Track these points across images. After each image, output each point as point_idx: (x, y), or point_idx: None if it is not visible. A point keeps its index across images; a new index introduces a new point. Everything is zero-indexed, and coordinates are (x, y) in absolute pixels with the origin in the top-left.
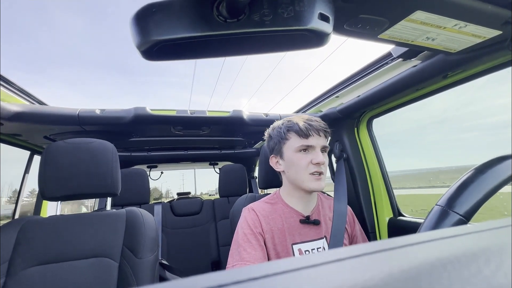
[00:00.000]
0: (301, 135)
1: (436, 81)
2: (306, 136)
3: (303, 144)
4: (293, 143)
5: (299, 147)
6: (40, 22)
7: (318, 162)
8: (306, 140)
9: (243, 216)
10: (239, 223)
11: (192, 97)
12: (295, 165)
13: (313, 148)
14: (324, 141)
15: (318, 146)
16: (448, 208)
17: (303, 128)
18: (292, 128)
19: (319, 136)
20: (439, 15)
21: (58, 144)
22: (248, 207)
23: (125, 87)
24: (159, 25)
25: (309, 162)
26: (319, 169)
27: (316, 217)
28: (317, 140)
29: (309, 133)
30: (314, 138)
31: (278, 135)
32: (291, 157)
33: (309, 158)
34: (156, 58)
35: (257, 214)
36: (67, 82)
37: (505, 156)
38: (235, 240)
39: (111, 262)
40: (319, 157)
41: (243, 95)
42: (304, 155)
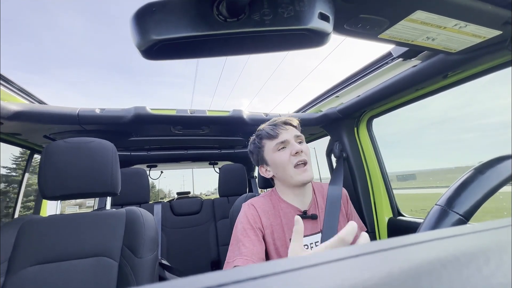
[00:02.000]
0: (271, 137)
1: (436, 81)
2: (275, 136)
3: (276, 143)
4: (268, 147)
5: (275, 147)
6: (41, 22)
7: (296, 151)
8: (277, 139)
9: (243, 211)
10: (238, 217)
11: (193, 97)
12: (278, 163)
13: (287, 142)
14: (295, 131)
15: (291, 138)
16: (448, 208)
17: (269, 130)
18: (262, 135)
19: (287, 130)
20: (439, 15)
21: (58, 143)
22: (248, 203)
23: (126, 87)
24: (159, 24)
25: (289, 155)
26: (301, 158)
27: (313, 211)
28: (287, 134)
29: (276, 132)
30: (283, 134)
31: (255, 146)
32: (272, 158)
33: (288, 152)
34: (156, 57)
35: (256, 210)
36: (68, 82)
37: (505, 156)
38: (234, 234)
39: (110, 261)
40: (296, 146)
41: (244, 95)
42: (283, 152)
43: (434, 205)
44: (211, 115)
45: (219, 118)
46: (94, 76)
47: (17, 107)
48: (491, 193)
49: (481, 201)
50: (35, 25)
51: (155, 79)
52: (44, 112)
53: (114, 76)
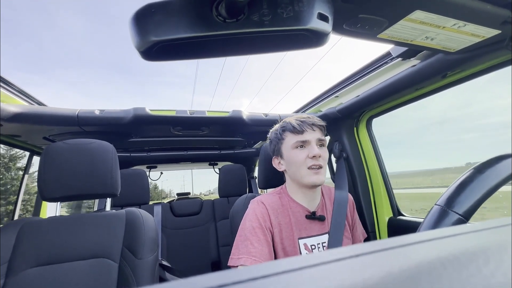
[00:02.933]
0: (295, 132)
1: (435, 80)
2: (300, 132)
3: (298, 140)
4: (289, 141)
5: (295, 144)
6: (41, 22)
7: (314, 155)
8: (301, 136)
9: (252, 208)
10: (246, 214)
11: (193, 97)
12: (294, 161)
13: (308, 142)
14: (319, 135)
15: (313, 140)
16: (447, 208)
17: (296, 125)
18: (286, 127)
19: (313, 131)
20: (438, 15)
21: (57, 145)
22: (257, 200)
23: (126, 87)
24: (158, 25)
25: (306, 156)
26: (317, 162)
27: (321, 213)
28: (311, 135)
29: (302, 129)
30: (308, 133)
31: (275, 137)
32: (289, 154)
33: (306, 153)
34: (156, 58)
35: (266, 207)
36: (67, 82)
37: (504, 156)
38: (241, 231)
39: (110, 263)
40: (315, 150)
41: (244, 95)
42: (301, 151)
43: (433, 205)
44: (211, 116)
45: (218, 118)
46: (94, 76)
47: (16, 109)
48: (490, 192)
49: (481, 201)
50: (35, 25)
51: (155, 79)
52: (43, 113)
53: (114, 76)
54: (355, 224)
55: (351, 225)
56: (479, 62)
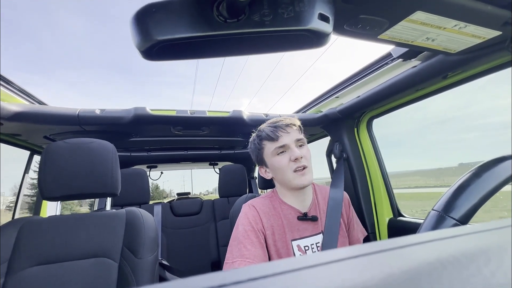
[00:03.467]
0: (271, 139)
1: (436, 81)
2: (275, 139)
3: (276, 147)
4: (268, 149)
5: (274, 151)
6: (43, 23)
7: (296, 158)
8: (277, 142)
9: (244, 212)
10: (239, 218)
11: (193, 97)
12: (277, 168)
13: (287, 146)
14: (297, 134)
15: (291, 143)
16: (444, 213)
17: (269, 132)
18: (262, 136)
19: (288, 133)
20: (439, 16)
21: (58, 144)
22: (249, 204)
23: (126, 87)
24: (159, 25)
25: (288, 160)
26: (300, 164)
27: (313, 213)
28: (287, 138)
29: (276, 135)
30: (283, 137)
31: (255, 147)
32: (272, 162)
33: (287, 157)
34: (156, 58)
35: (257, 211)
36: (68, 82)
37: (502, 158)
38: (234, 236)
39: (110, 262)
40: (295, 152)
41: (244, 95)
42: (282, 156)
43: (431, 210)
44: (211, 116)
45: (219, 118)
46: (94, 76)
47: (17, 108)
48: (488, 196)
49: (478, 205)
50: (35, 25)
51: (155, 79)
52: (44, 112)
53: (114, 76)
54: (352, 223)
55: (347, 223)
56: (480, 63)
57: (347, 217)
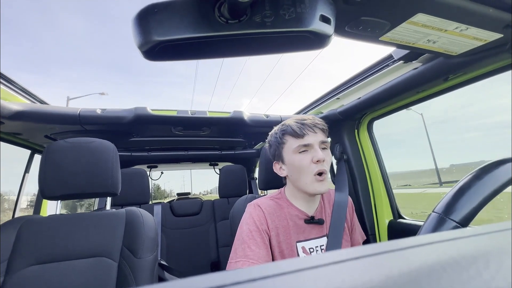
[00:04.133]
0: (296, 136)
1: (437, 83)
2: (301, 136)
3: (299, 144)
4: (290, 145)
5: (296, 148)
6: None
7: (318, 160)
8: (302, 140)
9: (248, 211)
10: (243, 218)
11: (194, 97)
12: (297, 167)
13: (311, 146)
14: (322, 137)
15: (315, 143)
16: (445, 216)
17: (296, 128)
18: (286, 130)
19: (315, 133)
20: (441, 18)
21: (58, 143)
22: (254, 203)
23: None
24: (160, 25)
25: (310, 161)
26: (322, 167)
27: (319, 216)
28: (313, 137)
29: (303, 132)
30: (309, 136)
31: (275, 141)
32: (291, 159)
33: (309, 157)
34: (158, 58)
35: (263, 211)
36: (68, 82)
37: (503, 160)
38: (239, 235)
39: (110, 262)
40: (319, 154)
41: (245, 95)
42: (304, 155)
43: (431, 212)
44: (212, 116)
45: (219, 119)
46: (95, 76)
47: (18, 107)
48: (489, 198)
49: (479, 208)
50: (36, 25)
51: (156, 79)
52: (45, 112)
53: (115, 76)
54: (354, 227)
55: (350, 228)
56: (481, 65)
57: (350, 221)
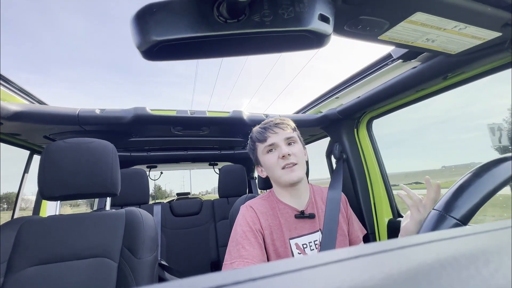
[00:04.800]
0: (260, 140)
1: (436, 82)
2: (264, 140)
3: (265, 146)
4: (259, 150)
5: (264, 150)
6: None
7: (283, 155)
8: (266, 142)
9: (241, 213)
10: (237, 220)
11: (193, 97)
12: (267, 165)
13: (275, 145)
14: (286, 133)
15: (280, 142)
16: (445, 213)
17: (258, 134)
18: (253, 138)
19: (276, 133)
20: (439, 17)
21: (57, 143)
22: (246, 205)
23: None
24: (159, 25)
25: (277, 158)
26: (288, 161)
27: (310, 210)
28: (275, 137)
29: (265, 136)
30: (271, 137)
31: (249, 148)
32: (263, 160)
33: (276, 155)
34: (157, 58)
35: (255, 211)
36: (68, 82)
37: (502, 159)
38: (233, 237)
39: (110, 262)
40: (283, 150)
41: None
42: (272, 154)
43: (431, 210)
44: (211, 116)
45: (219, 119)
46: (94, 76)
47: (17, 107)
48: (488, 196)
49: (479, 205)
50: (36, 25)
51: (155, 79)
52: (44, 112)
53: (114, 76)
54: (351, 221)
55: (347, 221)
56: (480, 64)
57: (346, 215)
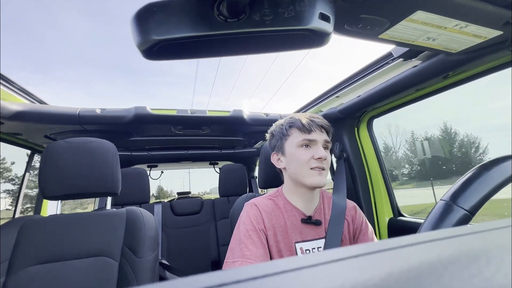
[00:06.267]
0: (303, 130)
1: (437, 81)
2: (308, 131)
3: (305, 139)
4: (295, 139)
5: (301, 142)
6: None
7: (320, 157)
8: (308, 135)
9: (245, 211)
10: (240, 217)
11: (194, 98)
12: (297, 159)
13: (315, 142)
14: (327, 137)
15: (320, 141)
16: (453, 203)
17: (305, 123)
18: (294, 124)
19: (321, 132)
20: (440, 15)
21: (58, 143)
22: (251, 202)
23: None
24: (159, 24)
25: (310, 157)
26: (321, 165)
27: (317, 217)
28: (319, 135)
29: (311, 128)
30: (316, 133)
31: (280, 131)
32: (292, 152)
33: (311, 153)
34: (157, 57)
35: (259, 210)
36: (68, 81)
37: (510, 155)
38: (236, 235)
39: (111, 261)
40: (321, 151)
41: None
42: (306, 150)
43: (439, 200)
44: (212, 115)
45: (219, 118)
46: (95, 75)
47: (17, 107)
48: (496, 189)
49: (486, 197)
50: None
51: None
52: (44, 112)
53: (115, 76)
54: (364, 232)
55: (353, 234)
56: (481, 63)
57: (353, 226)
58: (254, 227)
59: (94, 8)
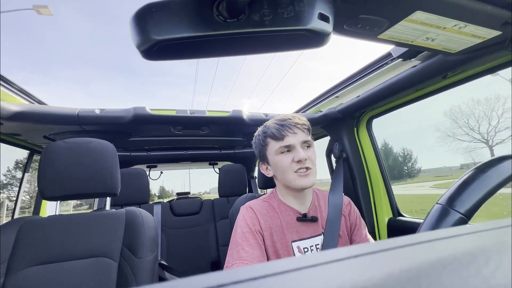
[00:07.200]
0: (276, 138)
1: (436, 81)
2: (281, 138)
3: (280, 146)
4: (272, 148)
5: (278, 150)
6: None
7: (299, 160)
8: (282, 142)
9: (241, 214)
10: (237, 221)
11: (194, 98)
12: (280, 166)
13: (292, 146)
14: (304, 136)
15: (297, 143)
16: (449, 207)
17: (275, 131)
18: (267, 133)
19: (295, 133)
20: (439, 16)
21: (57, 143)
22: (246, 206)
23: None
24: (159, 25)
25: (291, 161)
26: (303, 166)
27: (313, 214)
28: (293, 138)
29: (282, 134)
30: (289, 137)
31: (258, 143)
32: (274, 160)
33: (291, 157)
34: (156, 58)
35: (254, 212)
36: (68, 81)
37: (506, 156)
38: (233, 239)
39: (110, 262)
40: (299, 154)
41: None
42: (285, 156)
43: (435, 204)
44: (211, 116)
45: (219, 118)
46: (94, 76)
47: (17, 108)
48: (492, 192)
49: (483, 200)
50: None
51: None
52: (44, 112)
53: (114, 76)
54: (358, 227)
55: (350, 229)
56: (480, 63)
57: (350, 222)
58: (250, 229)
59: (94, 8)
